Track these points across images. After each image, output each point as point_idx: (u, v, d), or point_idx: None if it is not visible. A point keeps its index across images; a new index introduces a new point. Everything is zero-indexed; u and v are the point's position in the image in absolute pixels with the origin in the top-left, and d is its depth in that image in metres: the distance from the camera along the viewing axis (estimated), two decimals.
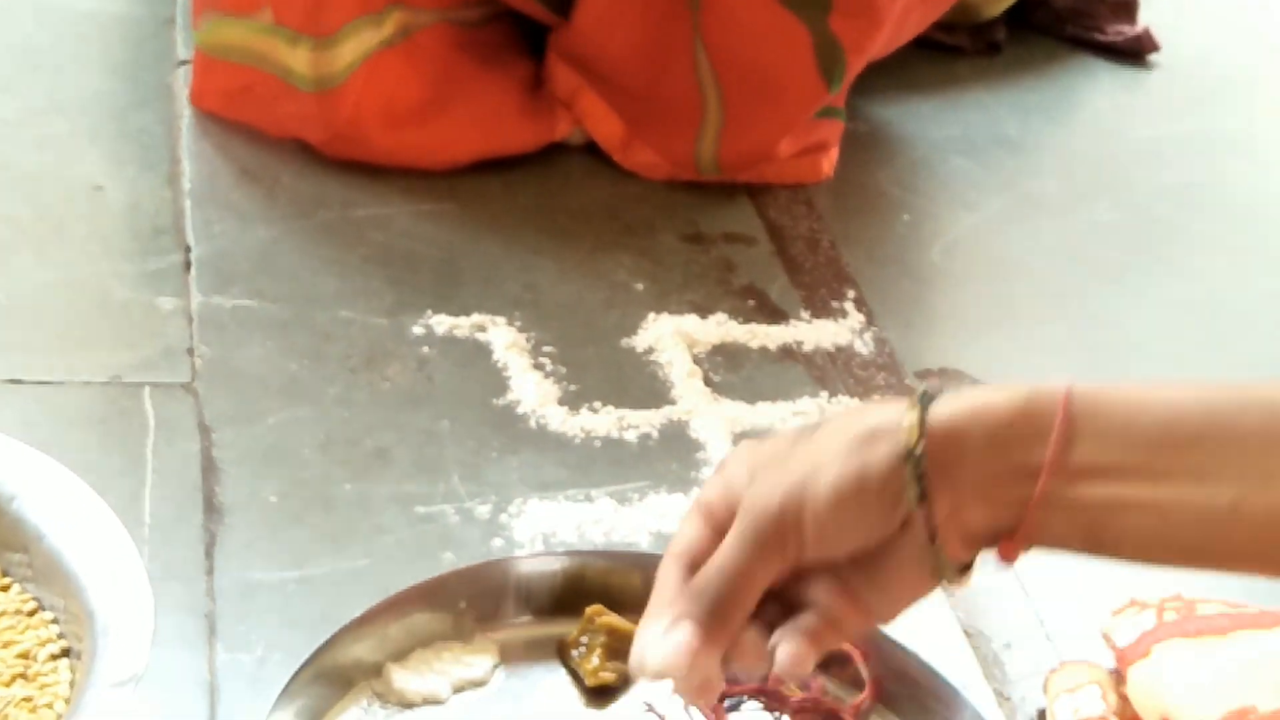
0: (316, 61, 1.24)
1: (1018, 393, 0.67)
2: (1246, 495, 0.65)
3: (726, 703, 0.87)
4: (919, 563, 0.69)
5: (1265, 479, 0.65)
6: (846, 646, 0.87)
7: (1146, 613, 0.85)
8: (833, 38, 1.27)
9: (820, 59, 1.27)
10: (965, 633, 0.94)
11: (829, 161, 1.33)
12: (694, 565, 0.71)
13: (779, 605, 0.71)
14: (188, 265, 1.14)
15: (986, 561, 0.69)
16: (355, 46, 1.24)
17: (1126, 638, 0.85)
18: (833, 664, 0.88)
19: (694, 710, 0.85)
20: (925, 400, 0.68)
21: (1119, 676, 0.85)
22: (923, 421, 0.66)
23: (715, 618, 0.69)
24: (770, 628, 0.70)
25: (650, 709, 0.85)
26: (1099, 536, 0.68)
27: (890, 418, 0.67)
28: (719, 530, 0.71)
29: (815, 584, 0.70)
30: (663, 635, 0.69)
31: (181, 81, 1.33)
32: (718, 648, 0.69)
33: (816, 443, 0.69)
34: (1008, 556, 0.68)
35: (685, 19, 1.26)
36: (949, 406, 0.67)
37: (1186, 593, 0.90)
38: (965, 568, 0.69)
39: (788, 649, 0.68)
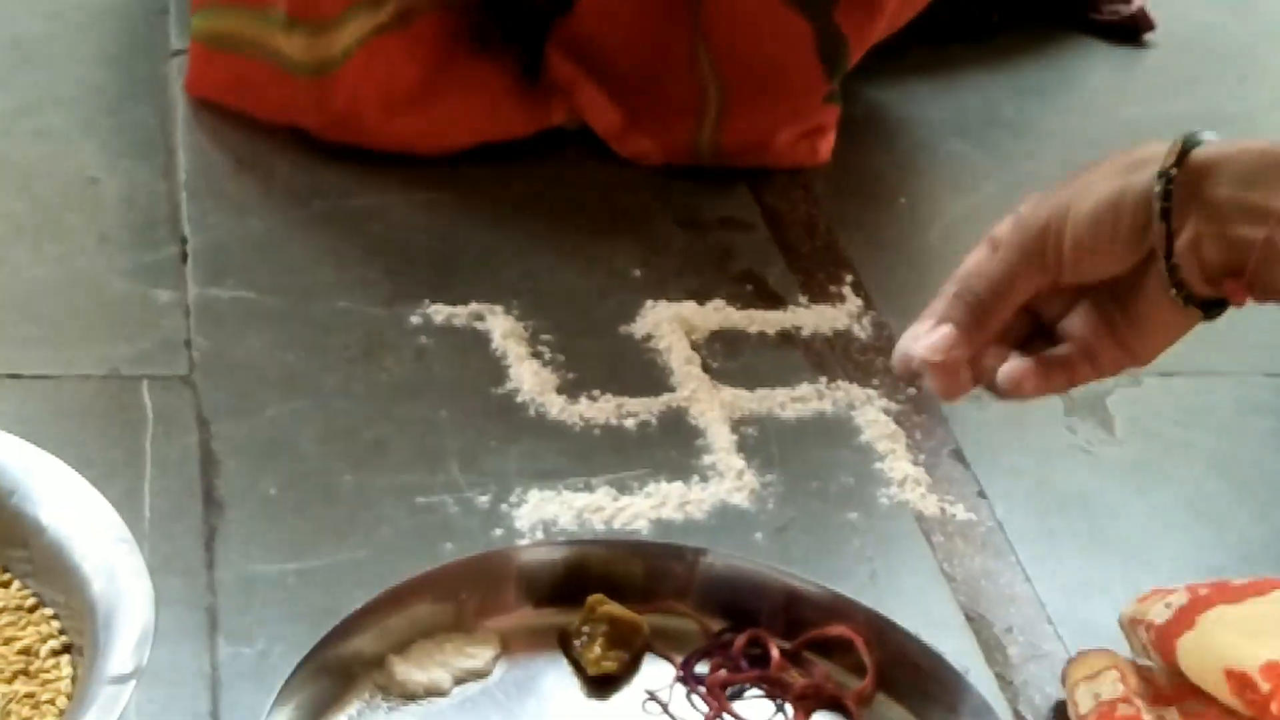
0: (312, 46, 1.24)
1: (1274, 144, 0.72)
2: None
3: (728, 690, 0.87)
4: (1168, 297, 0.74)
5: None
6: (848, 633, 0.88)
7: (1177, 594, 0.85)
8: (836, 29, 1.27)
9: (822, 50, 1.28)
10: (967, 617, 0.94)
11: (826, 146, 1.33)
12: (979, 296, 0.76)
13: (1043, 339, 0.79)
14: (184, 257, 1.14)
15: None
16: (353, 30, 1.24)
17: (1163, 615, 0.85)
18: (835, 651, 0.88)
19: (696, 698, 0.86)
20: (1191, 137, 0.73)
21: (1165, 648, 0.85)
22: (1183, 151, 0.72)
23: (975, 318, 0.76)
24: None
25: (652, 697, 0.86)
26: None
27: (1158, 151, 0.73)
28: (1012, 271, 0.76)
29: (1075, 316, 0.78)
30: (925, 333, 0.76)
31: (175, 72, 1.33)
32: (972, 346, 0.76)
33: (1090, 170, 0.76)
34: (1235, 297, 0.73)
35: (686, 12, 1.26)
36: (1211, 145, 0.72)
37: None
38: (1211, 306, 0.74)
39: (1010, 367, 0.76)
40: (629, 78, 1.30)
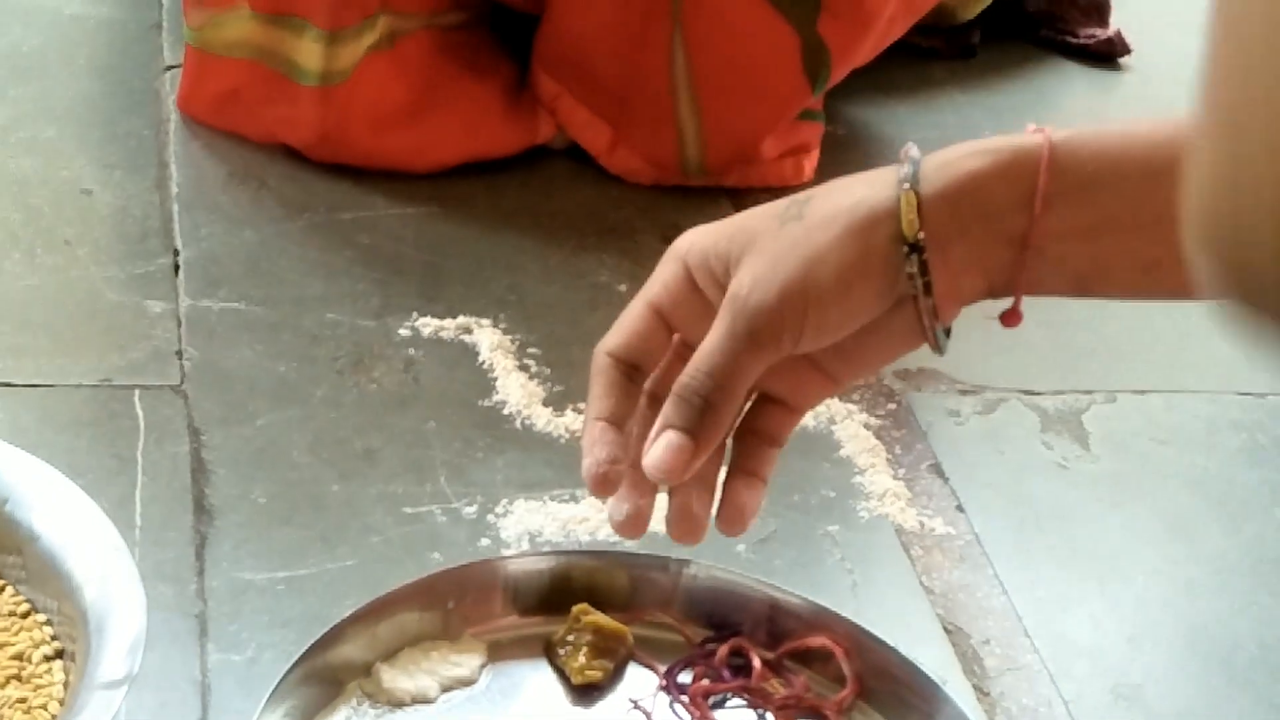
0: (327, 55, 1.24)
1: (1001, 156, 0.66)
2: None
3: (711, 700, 0.87)
4: (907, 335, 0.69)
5: None
6: (829, 644, 0.88)
7: None
8: (820, 40, 1.27)
9: (806, 61, 1.28)
10: (945, 629, 0.95)
11: (810, 164, 1.34)
12: (634, 366, 0.71)
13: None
14: (176, 268, 1.14)
15: None
16: (355, 48, 1.24)
17: None
18: (815, 661, 0.88)
19: (678, 707, 0.86)
20: (914, 179, 0.66)
21: None
22: (918, 203, 0.66)
23: (704, 421, 0.67)
24: None
25: (636, 706, 0.86)
26: (1087, 286, 0.69)
27: (882, 197, 0.66)
28: (672, 328, 0.71)
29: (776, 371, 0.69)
30: (652, 443, 0.67)
31: (168, 86, 1.33)
32: (704, 452, 0.68)
33: (808, 231, 0.67)
34: (1010, 323, 0.70)
35: (666, 19, 1.26)
36: (939, 181, 0.66)
37: None
38: (948, 330, 0.70)
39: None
40: (609, 91, 1.30)
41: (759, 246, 0.67)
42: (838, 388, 0.74)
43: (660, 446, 0.67)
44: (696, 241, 0.70)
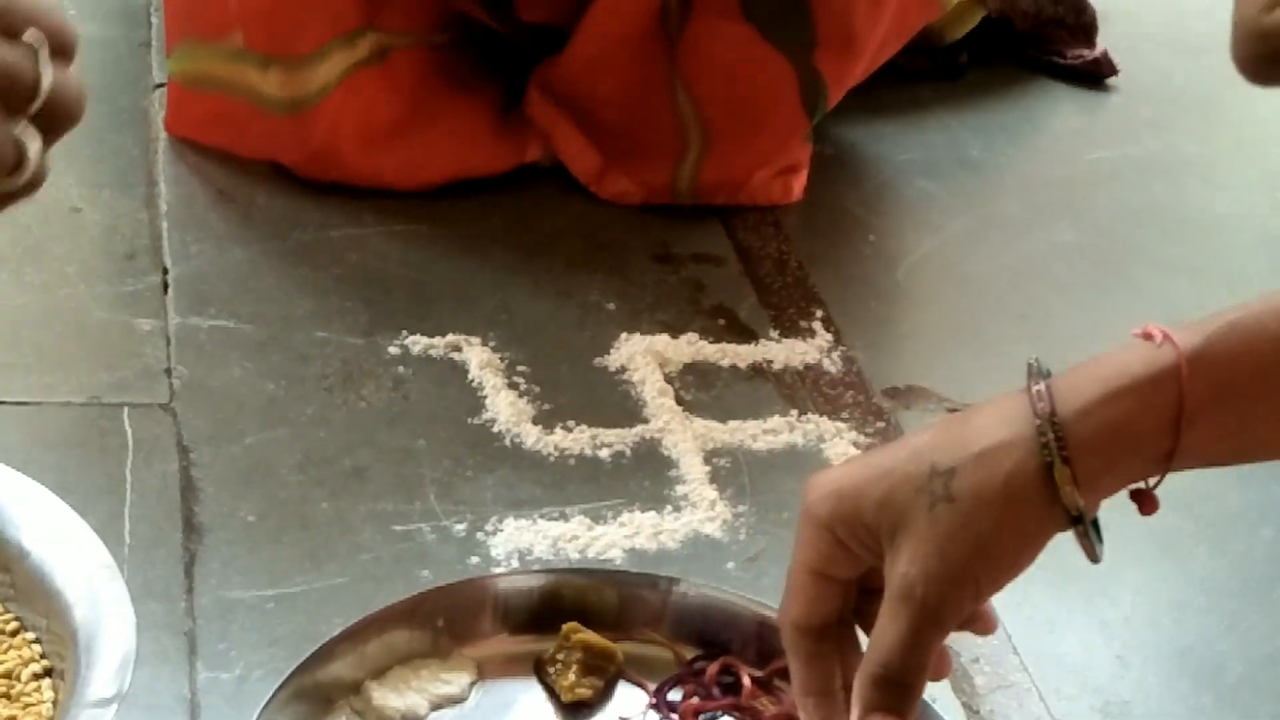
0: (288, 83, 1.24)
1: (1141, 392, 0.66)
2: None
3: (701, 717, 0.86)
4: (1034, 530, 0.68)
5: None
6: None
7: None
8: (816, 73, 1.28)
9: (804, 94, 1.29)
10: None
11: (799, 184, 1.34)
12: (824, 630, 0.71)
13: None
14: (165, 286, 1.14)
15: None
16: (330, 68, 1.24)
17: None
18: None
19: None
20: (1059, 438, 0.66)
21: None
22: (1072, 472, 0.65)
23: (904, 702, 0.68)
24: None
25: None
26: (1222, 463, 0.70)
27: (1031, 467, 0.66)
28: (837, 581, 0.71)
29: None
30: None
31: (157, 105, 1.34)
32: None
33: (966, 518, 0.67)
34: (1148, 511, 0.70)
35: (665, 58, 1.27)
36: (1085, 434, 0.66)
37: None
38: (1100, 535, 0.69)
39: None
40: (610, 122, 1.30)
41: (915, 532, 0.67)
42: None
43: None
44: (836, 510, 0.70)
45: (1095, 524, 0.69)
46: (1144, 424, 0.66)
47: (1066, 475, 0.65)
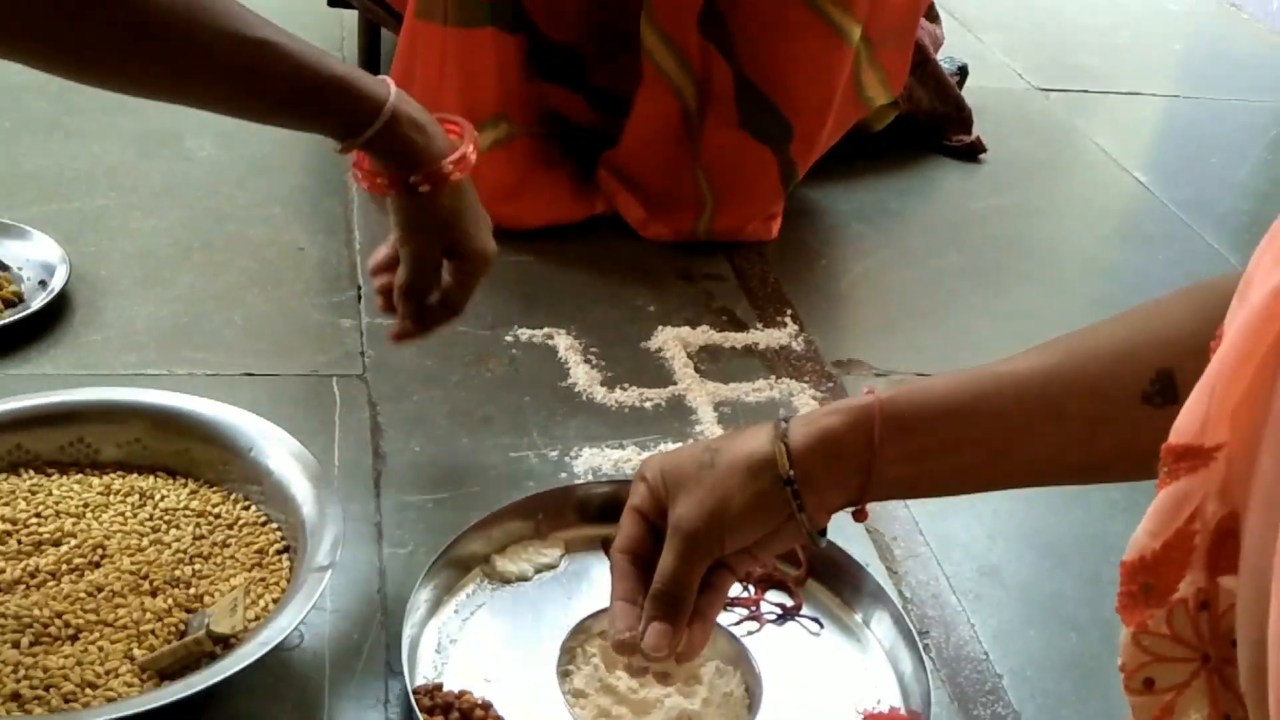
0: None
1: (849, 415, 0.67)
2: (1008, 448, 0.65)
3: None
4: (795, 535, 0.69)
5: (1020, 434, 0.65)
6: None
7: None
8: (790, 160, 1.29)
9: (782, 174, 1.30)
10: (867, 531, 0.94)
11: (776, 226, 1.34)
12: (637, 556, 0.70)
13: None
14: (359, 298, 1.15)
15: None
16: (483, 140, 1.25)
17: None
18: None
19: None
20: (785, 435, 0.67)
21: None
22: (788, 453, 0.66)
23: (674, 612, 0.68)
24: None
25: None
26: (916, 490, 0.69)
27: (765, 451, 0.67)
28: (650, 525, 0.71)
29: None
30: (644, 633, 0.68)
31: (353, 179, 1.34)
32: (681, 629, 0.69)
33: (719, 475, 0.68)
34: (860, 519, 0.69)
35: (687, 152, 1.28)
36: (801, 437, 0.67)
37: None
38: (823, 531, 0.69)
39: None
40: (651, 189, 1.31)
41: (687, 487, 0.68)
42: (760, 563, 0.74)
43: (651, 633, 0.68)
44: (652, 470, 0.71)
45: (823, 533, 0.69)
46: (847, 439, 0.66)
47: (784, 453, 0.66)
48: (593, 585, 0.85)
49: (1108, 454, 0.65)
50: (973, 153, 1.59)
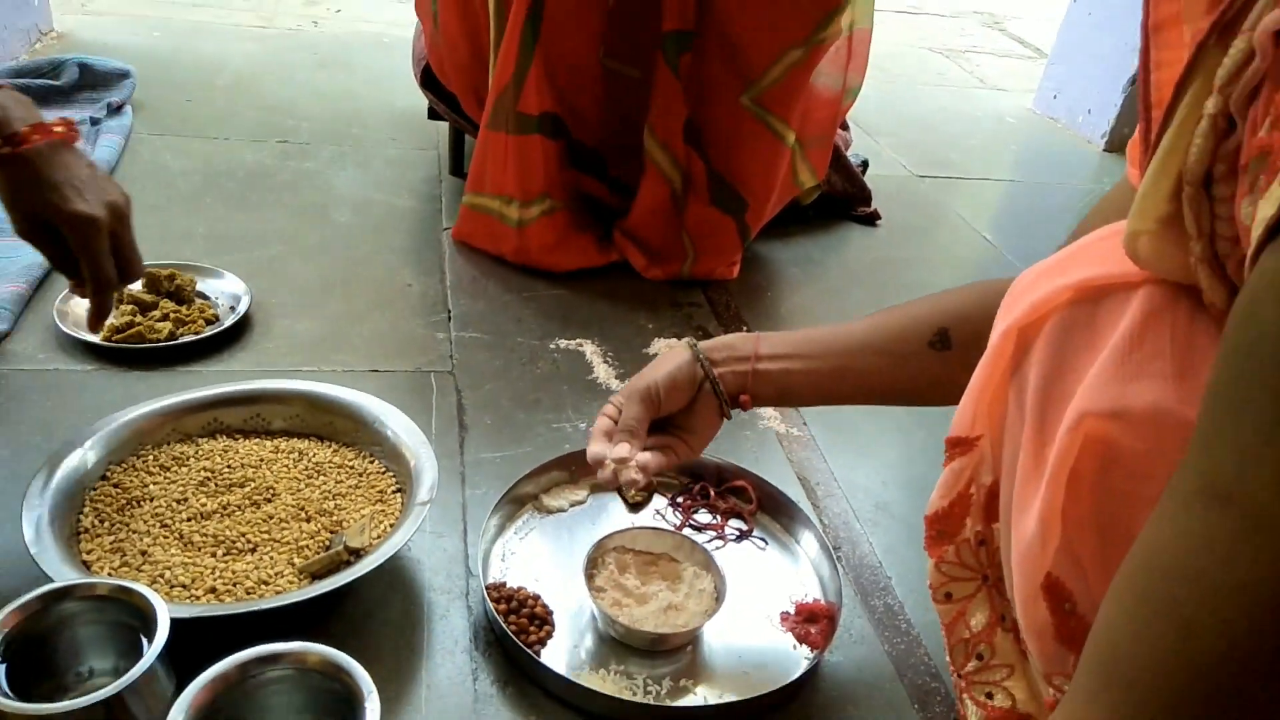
0: (517, 214, 1.24)
1: (744, 336, 0.71)
2: (842, 372, 0.69)
3: (693, 508, 0.86)
4: (712, 411, 0.71)
5: (849, 361, 0.69)
6: (745, 484, 0.88)
7: None
8: (746, 224, 1.29)
9: (740, 234, 1.29)
10: (798, 478, 0.95)
11: (736, 270, 1.33)
12: (607, 433, 0.72)
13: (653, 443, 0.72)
14: (449, 318, 1.14)
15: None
16: (533, 210, 1.24)
17: None
18: (739, 493, 0.88)
19: (677, 513, 0.86)
20: (697, 336, 0.73)
21: None
22: (699, 350, 0.71)
23: (632, 437, 0.69)
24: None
25: (658, 513, 0.86)
26: (786, 394, 0.71)
27: (683, 348, 0.71)
28: (614, 420, 0.72)
29: (659, 435, 0.72)
30: (614, 446, 0.69)
31: (444, 236, 1.34)
32: (637, 448, 0.70)
33: (653, 367, 0.71)
34: (745, 406, 0.71)
35: (676, 221, 1.28)
36: (706, 343, 0.72)
37: None
38: (730, 412, 0.72)
39: (642, 456, 0.70)
40: (652, 245, 1.30)
41: (634, 378, 0.72)
42: (692, 451, 0.74)
43: (619, 450, 0.69)
44: (615, 397, 0.72)
45: (734, 401, 0.71)
46: (737, 342, 0.71)
47: (693, 343, 0.71)
48: (610, 515, 0.85)
49: (906, 383, 0.68)
50: (872, 220, 1.58)
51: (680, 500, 0.87)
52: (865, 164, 1.68)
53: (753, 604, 0.77)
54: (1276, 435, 0.27)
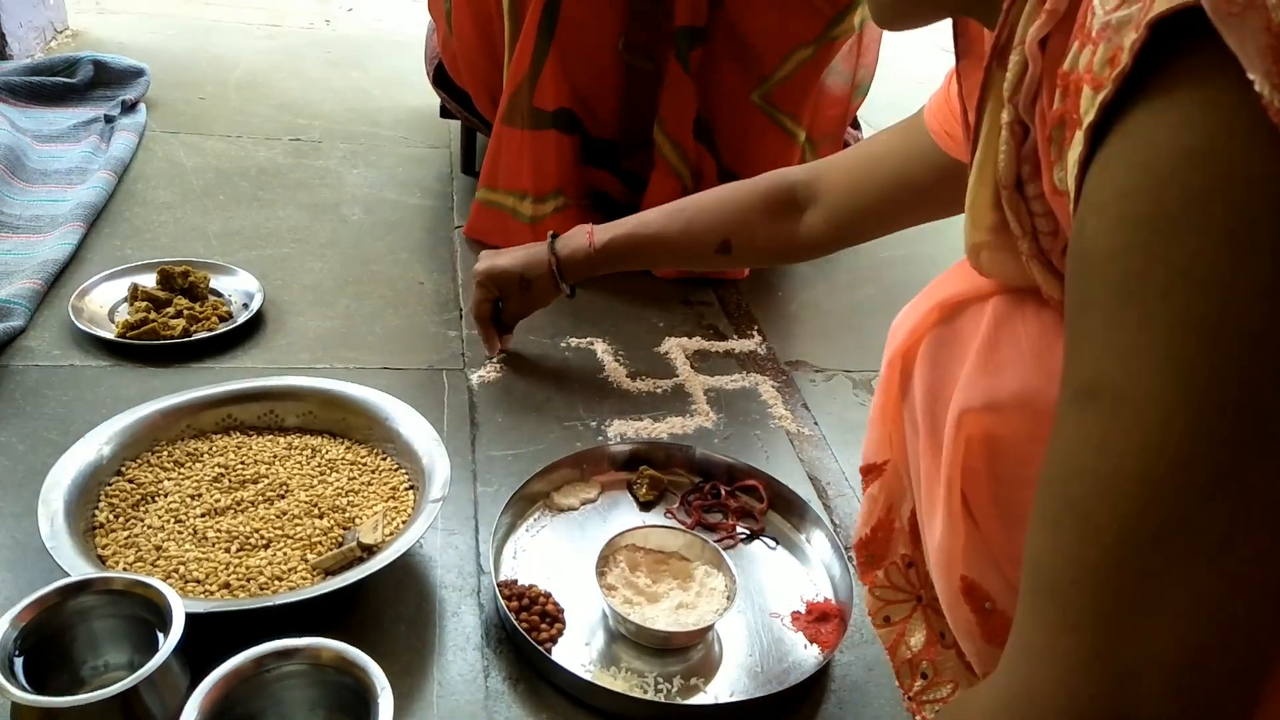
0: (531, 209, 1.24)
1: (586, 230, 0.94)
2: (655, 253, 0.91)
3: (702, 507, 0.86)
4: (551, 288, 0.97)
5: (661, 248, 0.90)
6: (756, 483, 0.88)
7: None
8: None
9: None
10: (808, 476, 0.95)
11: (747, 270, 1.34)
12: (477, 311, 1.02)
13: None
14: (460, 316, 1.14)
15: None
16: (547, 206, 1.25)
17: None
18: (750, 491, 0.88)
19: (688, 512, 0.86)
20: (551, 241, 0.96)
21: None
22: (551, 242, 0.96)
23: (482, 329, 1.00)
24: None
25: (668, 512, 0.86)
26: (621, 258, 0.93)
27: (545, 244, 0.96)
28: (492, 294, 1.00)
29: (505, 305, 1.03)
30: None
31: (455, 233, 1.34)
32: (491, 334, 0.99)
33: (508, 251, 0.98)
34: (571, 284, 0.99)
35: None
36: (563, 237, 0.95)
37: None
38: (572, 290, 0.98)
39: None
40: None
41: (491, 258, 0.97)
42: (537, 303, 1.00)
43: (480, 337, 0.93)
44: (481, 276, 0.99)
45: (572, 291, 0.98)
46: (580, 230, 0.93)
47: (552, 239, 0.94)
48: (620, 513, 0.85)
49: (707, 268, 1.04)
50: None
51: (691, 499, 0.87)
52: None
53: (764, 603, 0.77)
54: (1117, 322, 0.29)
